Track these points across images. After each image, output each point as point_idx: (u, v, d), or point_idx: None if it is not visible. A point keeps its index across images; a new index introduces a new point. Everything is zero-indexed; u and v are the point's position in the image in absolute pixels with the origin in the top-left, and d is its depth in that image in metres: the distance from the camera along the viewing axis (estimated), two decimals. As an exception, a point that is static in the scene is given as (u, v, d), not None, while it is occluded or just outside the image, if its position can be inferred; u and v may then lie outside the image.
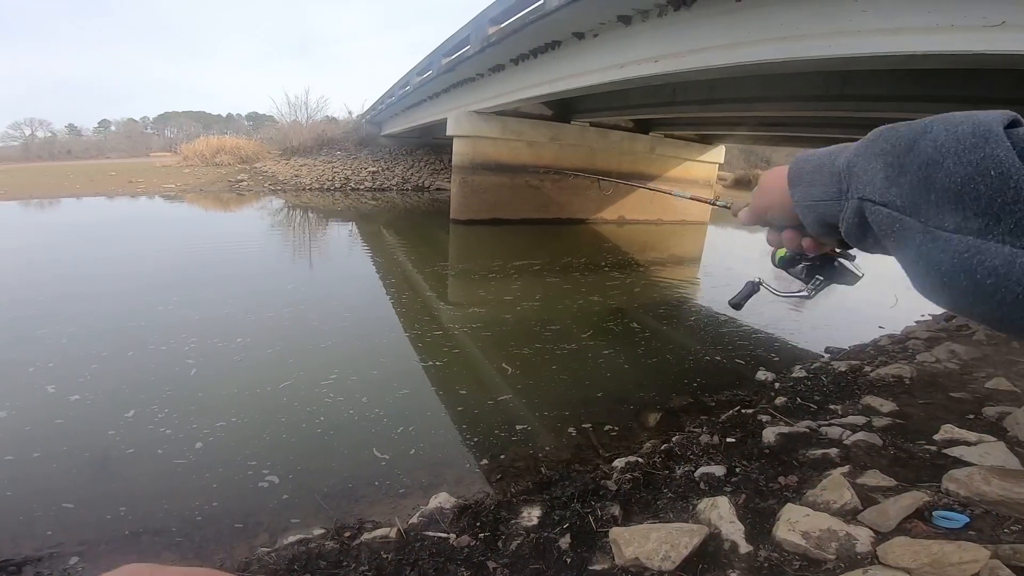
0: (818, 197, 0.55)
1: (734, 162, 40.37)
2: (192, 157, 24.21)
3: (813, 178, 0.56)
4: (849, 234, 0.52)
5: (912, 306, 8.65)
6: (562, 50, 8.62)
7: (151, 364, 4.86)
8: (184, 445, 3.64)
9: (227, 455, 3.56)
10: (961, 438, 3.09)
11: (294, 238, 12.57)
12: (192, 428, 3.83)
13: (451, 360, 5.41)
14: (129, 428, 3.81)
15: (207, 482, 3.27)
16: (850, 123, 9.91)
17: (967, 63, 4.15)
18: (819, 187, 0.55)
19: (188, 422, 3.90)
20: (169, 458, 3.51)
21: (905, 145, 0.44)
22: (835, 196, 0.53)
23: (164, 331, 5.59)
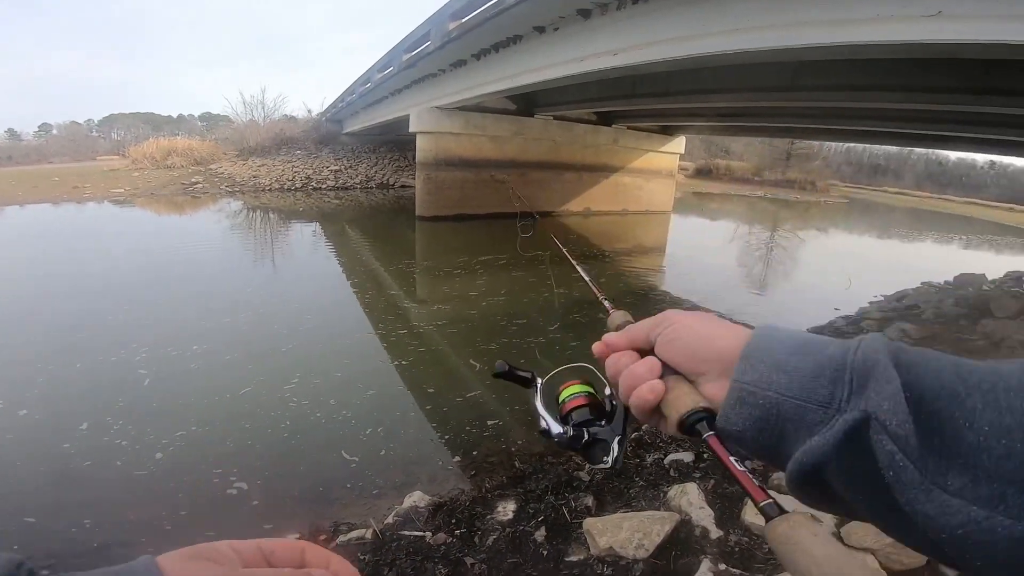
0: (786, 389, 0.39)
1: (695, 152, 41.28)
2: (142, 160, 23.18)
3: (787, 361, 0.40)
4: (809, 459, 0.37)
5: (865, 287, 9.06)
6: (523, 44, 8.61)
7: (102, 376, 4.66)
8: (143, 456, 3.51)
9: (190, 464, 3.45)
10: None
11: (253, 240, 12.21)
12: (150, 439, 3.69)
13: (418, 358, 5.37)
14: (84, 441, 3.67)
15: (172, 491, 3.17)
16: (803, 112, 10.23)
17: (910, 52, 4.32)
18: (794, 376, 0.39)
19: (145, 433, 3.76)
20: (129, 469, 3.38)
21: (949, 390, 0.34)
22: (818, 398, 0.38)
23: (114, 341, 5.35)
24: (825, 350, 0.39)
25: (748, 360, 0.42)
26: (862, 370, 0.37)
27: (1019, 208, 44.63)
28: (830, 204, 32.78)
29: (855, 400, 0.36)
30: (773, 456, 0.41)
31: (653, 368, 0.48)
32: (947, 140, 11.19)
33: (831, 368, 0.38)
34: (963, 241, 21.66)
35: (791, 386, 0.39)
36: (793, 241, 17.63)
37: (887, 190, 51.01)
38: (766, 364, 0.40)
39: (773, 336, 0.42)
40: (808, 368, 0.39)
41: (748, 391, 0.41)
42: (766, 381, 0.40)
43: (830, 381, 0.38)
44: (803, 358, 0.39)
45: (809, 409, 0.38)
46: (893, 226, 25.18)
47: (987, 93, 5.62)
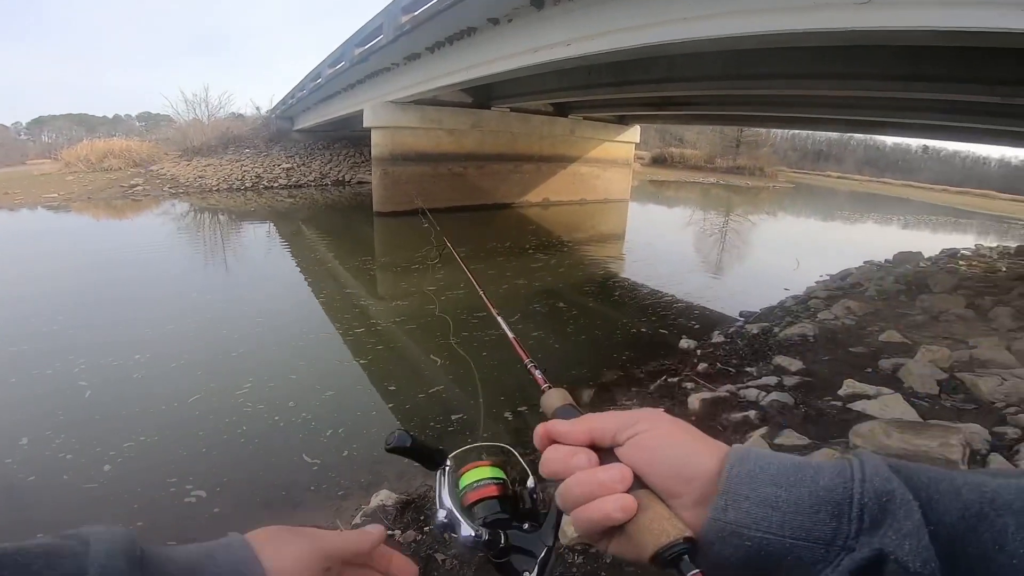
0: (778, 528, 0.34)
1: (650, 141, 42.19)
2: (76, 163, 21.76)
3: (775, 495, 0.35)
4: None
5: (812, 268, 9.48)
6: (478, 36, 8.54)
7: (40, 389, 4.39)
8: (91, 468, 3.36)
9: (143, 474, 3.31)
10: (862, 392, 3.41)
11: (200, 243, 11.67)
12: (96, 451, 3.53)
13: (377, 356, 5.28)
14: (26, 455, 3.48)
15: (126, 503, 3.04)
16: (749, 100, 10.57)
17: (842, 40, 4.53)
18: (788, 513, 0.34)
19: (90, 445, 3.59)
20: (77, 483, 3.23)
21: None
22: (819, 536, 0.33)
23: (50, 354, 5.03)
24: (818, 479, 0.35)
25: (729, 495, 0.36)
26: (875, 503, 0.32)
27: (951, 189, 47.69)
28: (778, 189, 34.08)
29: (865, 537, 0.32)
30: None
31: (624, 478, 0.40)
32: (882, 126, 11.81)
33: (831, 501, 0.33)
34: (901, 222, 22.95)
35: (784, 525, 0.34)
36: (745, 225, 18.26)
37: (830, 175, 53.48)
38: (751, 500, 0.35)
39: (754, 462, 0.37)
40: (804, 503, 0.34)
41: (731, 531, 0.35)
42: (754, 519, 0.34)
43: (832, 516, 0.33)
44: (794, 490, 0.34)
45: (807, 548, 0.33)
46: (836, 209, 26.45)
47: (915, 80, 5.94)
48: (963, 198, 41.78)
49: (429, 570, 2.25)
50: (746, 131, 37.29)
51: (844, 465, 0.35)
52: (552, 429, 0.45)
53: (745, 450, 0.38)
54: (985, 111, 7.31)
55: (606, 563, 2.12)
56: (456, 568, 2.26)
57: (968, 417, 3.05)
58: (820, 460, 0.37)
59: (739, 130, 36.71)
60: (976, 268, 8.43)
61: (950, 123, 8.50)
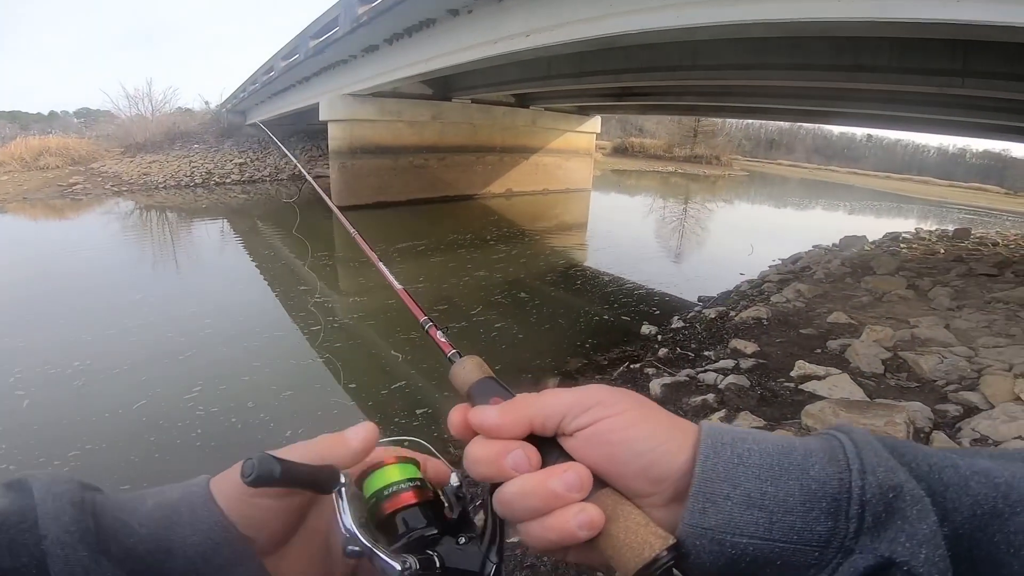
0: (765, 532, 0.29)
1: (611, 131, 42.68)
2: (9, 162, 20.37)
3: (760, 491, 0.29)
4: None
5: (766, 252, 9.81)
6: (437, 27, 8.41)
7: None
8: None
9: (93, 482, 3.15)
10: (812, 373, 3.55)
11: (146, 242, 11.06)
12: (39, 462, 3.37)
13: (335, 354, 5.17)
14: (-40, 471, 3.25)
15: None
16: (704, 91, 10.82)
17: (785, 30, 4.67)
18: (775, 513, 0.29)
19: (32, 455, 3.42)
20: (21, 497, 3.03)
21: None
22: (812, 538, 0.28)
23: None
24: (807, 468, 0.29)
25: (707, 496, 0.30)
26: (879, 500, 0.28)
27: (894, 176, 50.20)
28: (733, 177, 35.10)
29: (866, 539, 0.27)
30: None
31: (583, 484, 0.32)
32: (829, 115, 12.28)
33: (827, 497, 0.28)
34: (847, 207, 24.01)
35: (773, 528, 0.29)
36: (703, 213, 18.73)
37: (781, 163, 55.41)
38: (733, 500, 0.29)
39: (731, 451, 0.31)
40: (794, 499, 0.29)
41: (711, 537, 0.29)
42: (737, 523, 0.29)
43: (827, 515, 0.28)
44: (781, 484, 0.29)
45: (799, 551, 0.28)
46: (787, 196, 27.46)
47: (857, 70, 6.21)
48: (904, 184, 44.07)
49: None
50: (703, 121, 38.19)
51: (835, 447, 0.30)
52: (477, 418, 0.36)
53: (718, 433, 0.32)
54: (922, 101, 7.70)
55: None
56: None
57: (911, 395, 3.20)
58: (805, 441, 0.32)
59: (696, 120, 37.57)
60: (916, 251, 8.90)
61: (891, 112, 8.92)
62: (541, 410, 0.35)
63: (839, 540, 0.28)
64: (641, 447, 0.32)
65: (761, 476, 0.30)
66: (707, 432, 0.32)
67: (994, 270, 6.79)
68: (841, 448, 0.30)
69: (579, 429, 0.34)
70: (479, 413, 0.36)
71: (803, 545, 0.28)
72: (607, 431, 0.33)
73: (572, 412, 0.34)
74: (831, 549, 0.28)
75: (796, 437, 0.33)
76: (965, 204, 30.16)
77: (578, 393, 0.35)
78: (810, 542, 0.28)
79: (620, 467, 0.33)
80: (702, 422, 0.34)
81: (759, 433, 0.33)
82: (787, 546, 0.28)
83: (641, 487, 0.32)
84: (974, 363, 3.58)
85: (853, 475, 0.28)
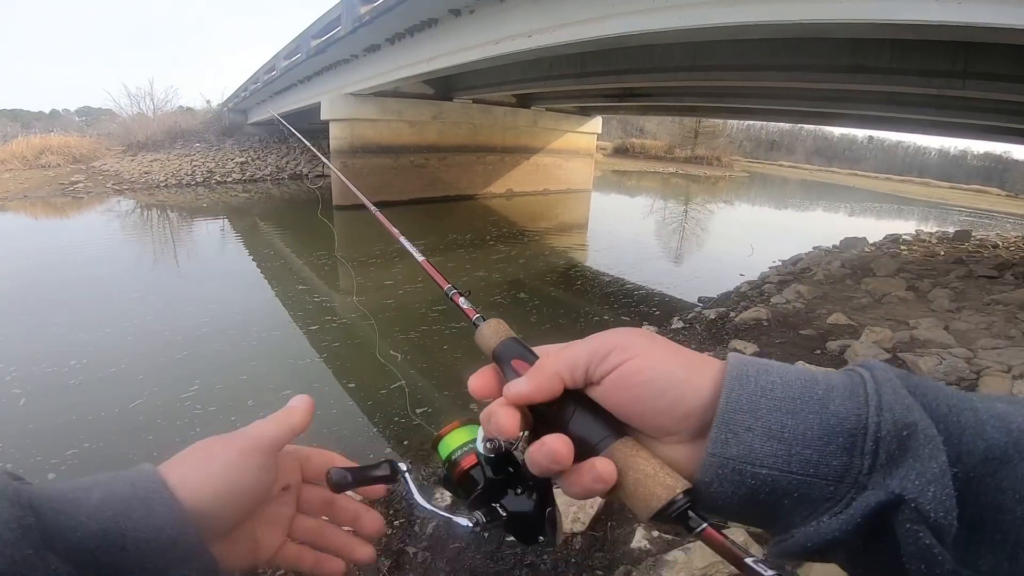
0: (784, 464, 0.30)
1: (612, 132, 42.71)
2: (10, 160, 20.41)
3: (781, 424, 0.30)
4: (816, 543, 0.29)
5: (766, 254, 9.81)
6: (439, 27, 8.43)
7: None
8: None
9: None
10: None
11: (146, 241, 11.08)
12: (37, 460, 3.37)
13: (332, 354, 5.17)
14: (-41, 468, 3.25)
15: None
16: (705, 92, 10.82)
17: (790, 32, 4.68)
18: (794, 446, 0.30)
19: (30, 454, 3.43)
20: (20, 494, 3.04)
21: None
22: (828, 473, 0.29)
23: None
24: (827, 403, 0.30)
25: (729, 427, 0.31)
26: (893, 437, 0.28)
27: (894, 178, 50.23)
28: (734, 178, 35.11)
29: (879, 476, 0.28)
30: (758, 523, 0.33)
31: (558, 456, 0.34)
32: (830, 116, 12.29)
33: (844, 432, 0.29)
34: (847, 209, 24.02)
35: (791, 460, 0.29)
36: (703, 213, 18.74)
37: (782, 164, 55.46)
38: (755, 432, 0.30)
39: (755, 383, 0.32)
40: (812, 433, 0.29)
41: (732, 467, 0.30)
42: (758, 455, 0.30)
43: (843, 450, 0.29)
44: (800, 417, 0.30)
45: (815, 485, 0.29)
46: (788, 197, 27.47)
47: (858, 72, 6.21)
48: (905, 186, 44.09)
49: (401, 564, 2.24)
50: (704, 122, 38.21)
51: (856, 383, 0.31)
52: (512, 392, 0.36)
53: (744, 366, 0.33)
54: (923, 102, 7.71)
55: (576, 549, 2.15)
56: (428, 561, 2.26)
57: (911, 396, 3.21)
58: (828, 375, 0.32)
59: (697, 121, 37.60)
60: (916, 252, 8.90)
61: (892, 114, 8.92)
62: (570, 363, 0.36)
63: (853, 475, 0.28)
64: (664, 385, 0.33)
65: (782, 409, 0.30)
66: (733, 365, 0.33)
67: (994, 272, 6.79)
68: (862, 384, 0.31)
69: (604, 376, 0.35)
70: (512, 388, 0.37)
71: (819, 479, 0.29)
72: (629, 374, 0.34)
73: (594, 361, 0.35)
74: (845, 484, 0.29)
75: (820, 371, 0.33)
76: (966, 206, 30.18)
77: (596, 341, 0.36)
78: (826, 476, 0.29)
79: (646, 406, 0.33)
80: (730, 354, 0.34)
81: (784, 367, 0.33)
82: (803, 478, 0.29)
83: (668, 424, 0.33)
84: (973, 364, 3.59)
85: (870, 412, 0.29)
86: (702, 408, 0.32)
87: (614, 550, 2.16)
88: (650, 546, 2.13)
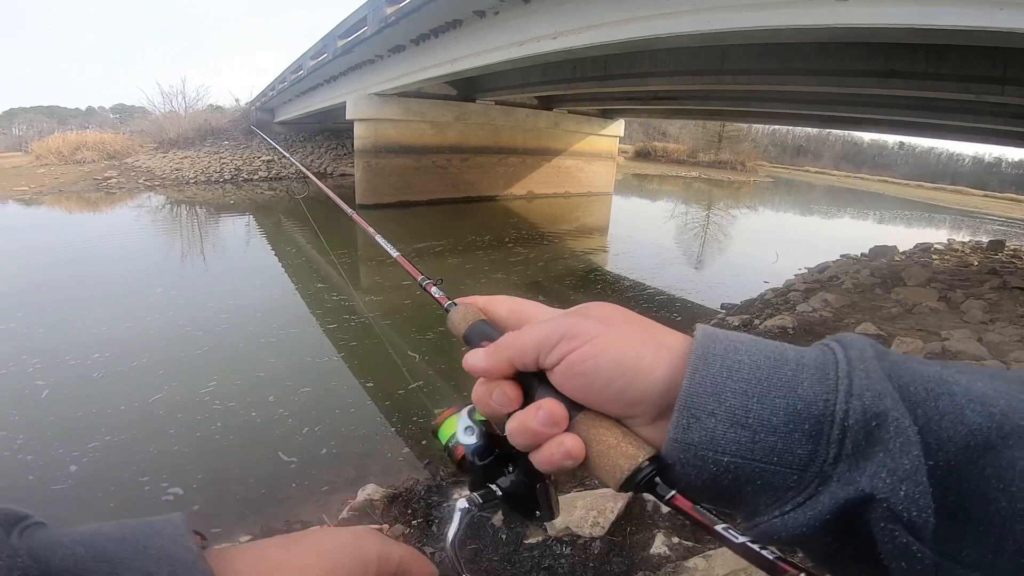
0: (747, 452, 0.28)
1: (634, 135, 42.43)
2: (47, 155, 21.14)
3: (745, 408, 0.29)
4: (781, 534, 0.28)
5: (791, 261, 9.64)
6: (463, 29, 8.48)
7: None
8: (56, 470, 3.26)
9: (112, 474, 3.24)
10: None
11: (172, 237, 11.33)
12: (59, 452, 3.43)
13: (352, 352, 5.19)
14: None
15: (100, 502, 2.98)
16: (731, 96, 10.68)
17: (820, 36, 4.60)
18: (758, 432, 0.28)
19: (52, 447, 3.49)
20: (44, 484, 3.14)
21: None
22: (792, 461, 0.28)
23: (2, 352, 4.85)
24: (796, 385, 0.28)
25: (691, 411, 0.29)
26: (860, 426, 0.26)
27: (926, 185, 48.85)
28: (758, 183, 34.54)
29: (844, 467, 0.26)
30: (723, 506, 0.31)
31: (555, 419, 0.33)
32: (860, 122, 12.03)
33: (810, 418, 0.27)
34: (876, 216, 23.45)
35: (755, 447, 0.28)
36: (726, 219, 18.49)
37: (808, 170, 54.34)
38: (717, 417, 0.29)
39: (721, 363, 0.30)
40: (778, 418, 0.28)
41: (694, 453, 0.29)
42: (720, 442, 0.29)
43: (809, 437, 0.27)
44: (767, 401, 0.28)
45: (778, 473, 0.28)
46: (814, 203, 26.93)
47: (891, 76, 6.07)
48: (937, 194, 42.85)
49: (419, 563, 2.25)
50: (728, 126, 37.67)
51: (828, 363, 0.29)
52: (469, 363, 0.37)
53: (710, 342, 0.31)
54: (959, 108, 7.49)
55: (594, 554, 2.14)
56: (445, 562, 2.27)
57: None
58: (800, 352, 0.30)
59: (721, 125, 37.07)
60: (949, 262, 8.66)
61: (925, 120, 8.69)
62: (519, 350, 0.35)
63: (818, 464, 0.27)
64: (610, 373, 0.32)
65: (748, 392, 0.29)
66: (699, 342, 0.31)
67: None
68: (834, 365, 0.29)
69: (554, 365, 0.34)
70: (470, 358, 0.37)
71: (782, 467, 0.28)
72: (577, 363, 0.33)
73: (544, 349, 0.34)
74: (809, 473, 0.27)
75: (792, 347, 0.31)
76: (1000, 215, 29.20)
77: (547, 327, 0.35)
78: (790, 464, 0.27)
79: (596, 395, 0.33)
80: (697, 325, 0.33)
81: (754, 342, 0.31)
82: (767, 466, 0.28)
83: (620, 411, 0.33)
84: (1008, 379, 3.48)
85: (839, 397, 0.27)
86: (656, 393, 0.31)
87: (632, 555, 2.15)
88: (669, 552, 2.11)
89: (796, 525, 0.27)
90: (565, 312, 0.37)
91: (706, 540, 2.16)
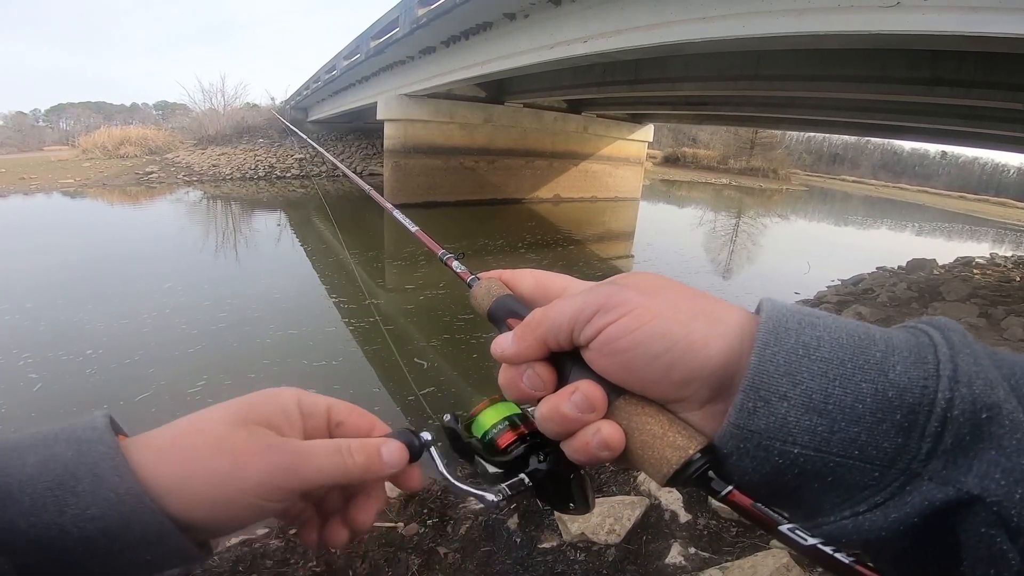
0: (823, 442, 0.24)
1: (663, 140, 41.91)
2: (92, 150, 22.09)
3: (824, 392, 0.24)
4: (856, 537, 0.24)
5: (824, 272, 9.38)
6: (493, 31, 8.52)
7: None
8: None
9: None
10: None
11: (202, 232, 11.49)
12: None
13: (356, 358, 5.08)
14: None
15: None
16: (766, 101, 10.46)
17: (866, 43, 4.46)
18: (838, 420, 0.24)
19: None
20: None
21: None
22: (876, 456, 0.23)
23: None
24: (886, 368, 0.24)
25: (760, 393, 0.25)
26: (967, 419, 0.22)
27: (968, 196, 47.00)
28: (791, 192, 33.75)
29: (937, 464, 0.22)
30: (775, 504, 0.27)
31: (593, 404, 0.29)
32: (901, 130, 11.63)
33: (903, 407, 0.23)
34: (915, 228, 22.66)
35: (832, 439, 0.24)
36: (756, 227, 18.11)
37: (844, 179, 52.86)
38: (791, 401, 0.24)
39: (796, 338, 0.25)
40: (864, 407, 0.23)
41: (757, 442, 0.25)
42: (792, 430, 0.24)
43: (899, 429, 0.23)
44: (851, 385, 0.24)
45: (856, 469, 0.24)
46: (849, 213, 26.17)
47: (937, 84, 5.85)
48: (980, 205, 41.17)
49: (431, 563, 2.26)
50: (761, 133, 36.92)
51: (924, 346, 0.24)
52: (497, 350, 0.33)
53: (781, 316, 0.27)
54: (1006, 118, 7.19)
55: (608, 561, 2.11)
56: (458, 563, 2.27)
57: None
58: (887, 333, 0.26)
59: (754, 131, 36.35)
60: (991, 277, 8.31)
61: (970, 129, 8.36)
62: (551, 327, 0.31)
63: (905, 461, 0.23)
64: (656, 348, 0.28)
65: (829, 374, 0.24)
66: (768, 315, 0.27)
67: (1080, 303, 6.25)
68: (932, 348, 0.24)
69: (589, 340, 0.30)
70: (497, 345, 0.33)
71: (862, 462, 0.23)
72: (616, 337, 0.28)
73: (578, 324, 0.30)
74: (894, 470, 0.23)
75: (876, 327, 0.27)
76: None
77: (582, 299, 0.30)
78: (872, 460, 0.23)
79: (638, 375, 0.29)
80: (763, 300, 0.29)
81: (832, 318, 0.27)
82: (843, 461, 0.24)
83: (667, 392, 0.28)
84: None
85: (942, 383, 0.23)
86: (708, 371, 0.27)
87: (647, 564, 2.12)
88: (685, 563, 2.08)
89: (873, 528, 0.23)
90: (601, 283, 0.32)
91: (723, 551, 2.12)
